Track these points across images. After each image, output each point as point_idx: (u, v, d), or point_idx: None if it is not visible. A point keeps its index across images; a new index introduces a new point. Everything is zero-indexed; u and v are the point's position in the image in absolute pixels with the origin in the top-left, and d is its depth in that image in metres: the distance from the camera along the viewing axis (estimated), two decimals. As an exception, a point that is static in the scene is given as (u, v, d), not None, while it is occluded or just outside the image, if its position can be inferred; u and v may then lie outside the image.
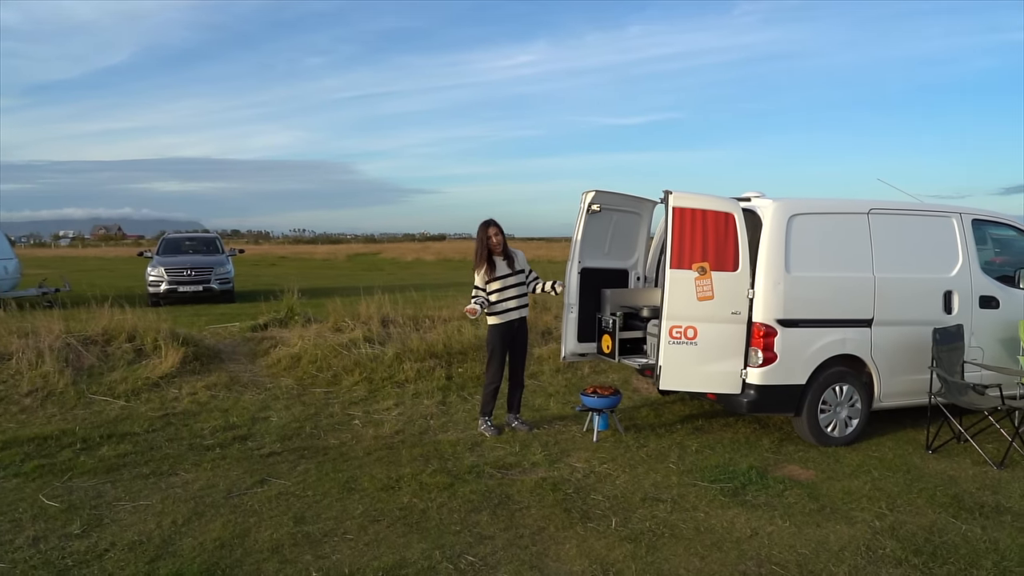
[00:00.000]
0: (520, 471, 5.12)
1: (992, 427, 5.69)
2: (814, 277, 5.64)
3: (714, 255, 5.52)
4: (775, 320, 5.50)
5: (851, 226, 5.89)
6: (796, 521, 4.24)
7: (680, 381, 5.61)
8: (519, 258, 6.08)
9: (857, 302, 5.79)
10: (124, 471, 5.06)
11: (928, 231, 6.19)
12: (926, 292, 6.06)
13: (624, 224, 6.75)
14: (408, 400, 7.10)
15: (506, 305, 5.98)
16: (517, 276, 6.03)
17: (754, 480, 4.89)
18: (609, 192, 6.43)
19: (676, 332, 5.51)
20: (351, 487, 4.76)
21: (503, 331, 5.99)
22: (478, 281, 6.00)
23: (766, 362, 5.50)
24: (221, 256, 17.30)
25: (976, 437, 5.66)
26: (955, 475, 5.10)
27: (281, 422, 6.30)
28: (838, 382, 5.76)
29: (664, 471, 5.11)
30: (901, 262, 5.97)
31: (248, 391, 7.34)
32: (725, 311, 5.53)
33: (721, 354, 5.57)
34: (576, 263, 6.48)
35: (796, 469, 5.19)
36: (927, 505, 4.52)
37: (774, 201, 5.69)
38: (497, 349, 6.02)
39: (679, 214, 5.51)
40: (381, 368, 7.94)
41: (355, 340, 8.63)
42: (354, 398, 7.15)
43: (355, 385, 7.55)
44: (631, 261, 6.95)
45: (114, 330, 8.43)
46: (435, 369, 8.02)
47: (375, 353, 8.29)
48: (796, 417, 5.74)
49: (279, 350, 8.59)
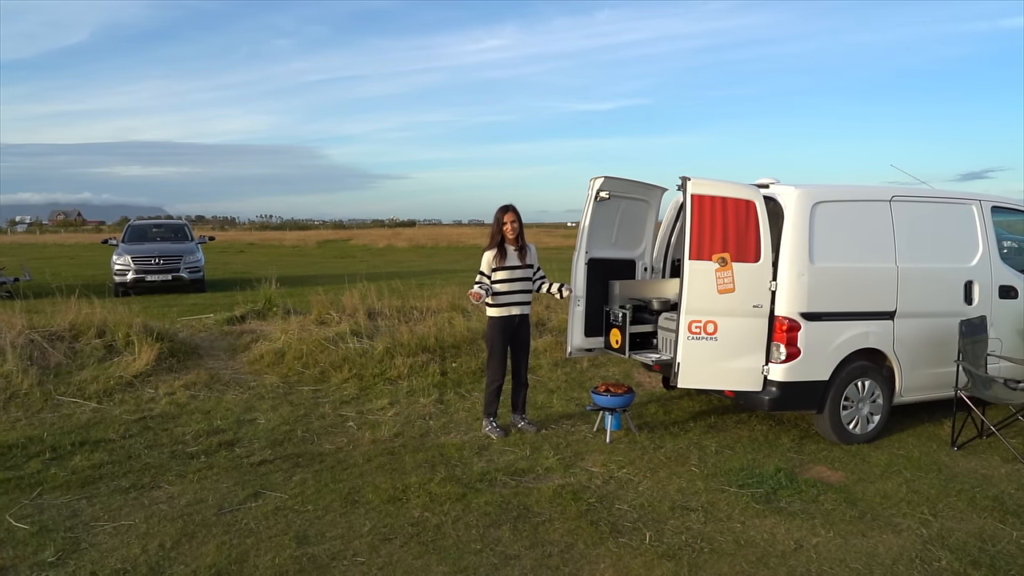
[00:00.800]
0: (534, 478, 4.77)
1: (1014, 421, 5.52)
2: (838, 268, 5.37)
3: (735, 245, 5.21)
4: (799, 313, 5.22)
5: (874, 214, 5.62)
6: (840, 530, 3.97)
7: (699, 378, 5.31)
8: (531, 252, 5.71)
9: (880, 294, 5.54)
10: (101, 484, 4.59)
11: (949, 219, 5.96)
12: (948, 282, 5.84)
13: (632, 212, 6.41)
14: (403, 398, 6.70)
15: (510, 299, 5.61)
16: (526, 270, 5.66)
17: (784, 484, 4.61)
18: (618, 178, 6.07)
19: (696, 327, 5.20)
20: (354, 499, 4.37)
21: (503, 325, 5.63)
22: (484, 266, 5.62)
23: (789, 358, 5.22)
24: (190, 243, 16.62)
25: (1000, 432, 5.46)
26: (988, 474, 4.89)
27: (269, 425, 5.87)
28: (860, 377, 5.52)
29: (687, 475, 4.81)
30: (923, 251, 5.73)
31: (230, 390, 6.87)
32: (746, 304, 5.23)
33: (742, 350, 5.28)
34: (583, 253, 6.12)
35: (824, 470, 4.93)
36: (969, 509, 4.28)
37: (796, 188, 5.39)
38: (497, 345, 5.65)
39: (698, 202, 5.18)
40: (371, 364, 7.53)
41: (341, 334, 8.19)
42: (345, 397, 6.73)
43: (345, 383, 7.13)
44: (639, 251, 6.61)
45: (82, 324, 7.88)
46: (428, 364, 7.63)
47: (363, 348, 7.87)
48: (818, 414, 5.49)
49: (261, 344, 8.12)
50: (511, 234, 5.57)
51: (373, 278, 12.76)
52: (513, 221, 5.57)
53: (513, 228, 5.57)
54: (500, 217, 5.59)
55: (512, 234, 5.57)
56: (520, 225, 5.62)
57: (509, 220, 5.56)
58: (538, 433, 5.69)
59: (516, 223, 5.59)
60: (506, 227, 5.56)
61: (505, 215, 5.57)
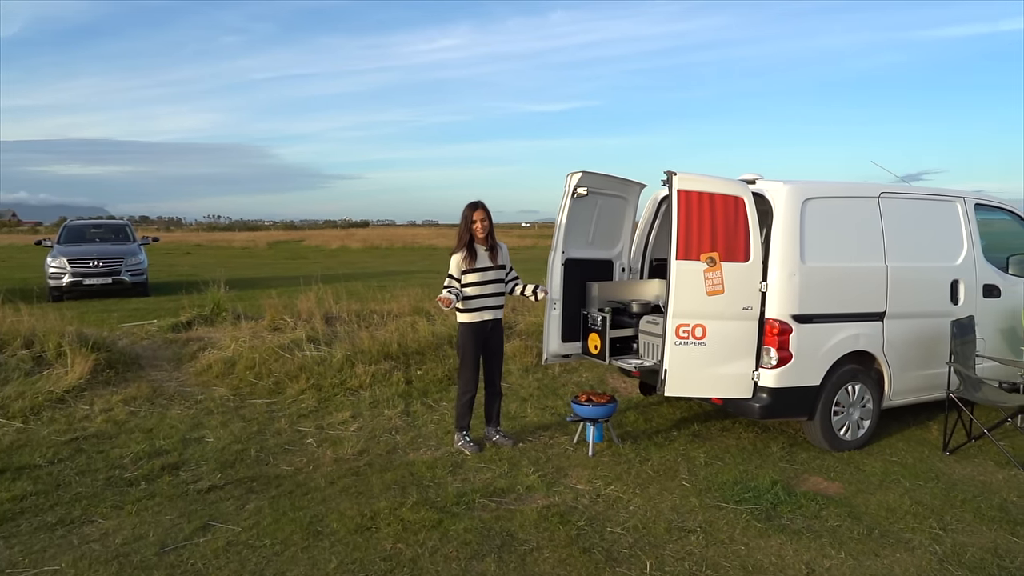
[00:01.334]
0: (516, 498, 4.38)
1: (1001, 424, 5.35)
2: (829, 268, 5.12)
3: (724, 244, 4.91)
4: (790, 316, 4.95)
5: (863, 212, 5.40)
6: (850, 550, 3.68)
7: (687, 386, 4.99)
8: (503, 252, 5.32)
9: (870, 294, 5.31)
10: (22, 521, 4.02)
11: (934, 217, 5.78)
12: (935, 282, 5.66)
13: (609, 210, 6.07)
14: (366, 411, 6.23)
15: (482, 303, 5.21)
16: (498, 272, 5.26)
17: (782, 498, 4.32)
18: (596, 173, 5.72)
19: (683, 331, 4.88)
20: (317, 530, 3.91)
21: (475, 331, 5.22)
22: (453, 269, 5.19)
23: (781, 362, 4.94)
24: (132, 245, 15.72)
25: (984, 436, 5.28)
26: (987, 481, 4.69)
27: (219, 444, 5.33)
28: (851, 381, 5.28)
29: (679, 491, 4.48)
30: (911, 250, 5.53)
31: (175, 405, 6.29)
32: (736, 307, 4.94)
33: (731, 355, 4.98)
34: (560, 253, 5.75)
35: (820, 481, 4.66)
36: (977, 520, 4.05)
37: (786, 183, 5.13)
38: (469, 352, 5.24)
39: (684, 198, 4.86)
40: (330, 373, 7.02)
41: (297, 341, 7.66)
42: (302, 410, 6.22)
43: (302, 394, 6.61)
44: (616, 250, 6.27)
45: (7, 334, 7.20)
46: (391, 372, 7.16)
47: (321, 355, 7.35)
48: (809, 421, 5.23)
49: (209, 353, 7.52)
50: (481, 233, 5.17)
51: (328, 280, 12.19)
52: (483, 219, 5.17)
53: (483, 227, 5.16)
54: (469, 215, 5.18)
55: (482, 233, 5.17)
56: (490, 223, 5.22)
57: (479, 218, 5.16)
58: (515, 447, 5.30)
59: (486, 221, 5.18)
60: (475, 226, 5.15)
61: (474, 213, 5.17)
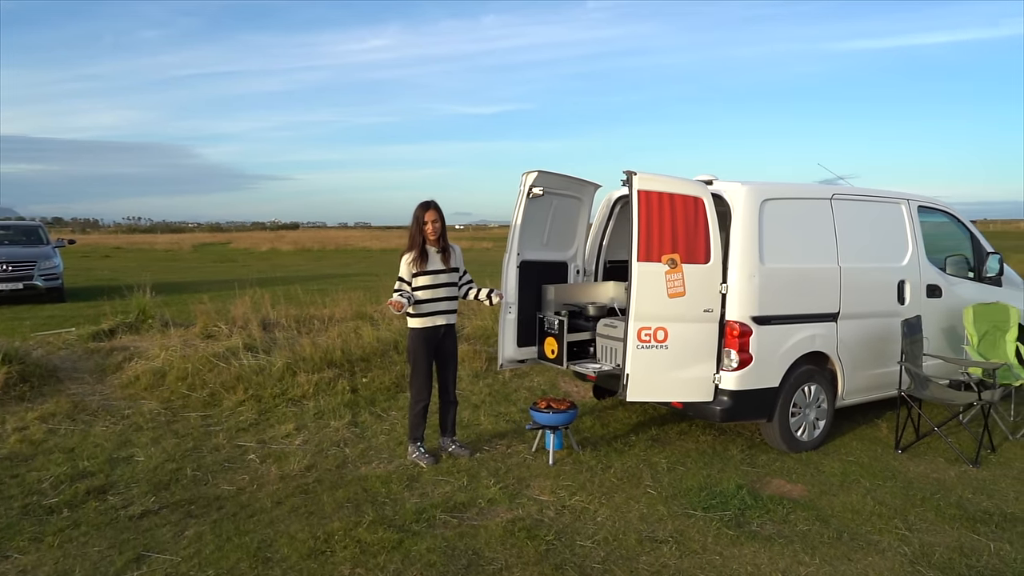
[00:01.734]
0: (478, 513, 4.16)
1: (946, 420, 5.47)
2: (787, 269, 5.11)
3: (684, 246, 4.83)
4: (750, 317, 4.91)
5: (817, 213, 5.43)
6: (823, 555, 3.62)
7: (649, 391, 4.89)
8: (456, 254, 5.09)
9: (825, 295, 5.34)
10: (-76, 559, 3.57)
11: (882, 218, 5.87)
12: (884, 282, 5.74)
13: (564, 210, 5.93)
14: (310, 422, 5.89)
15: (433, 307, 4.97)
16: (450, 275, 5.03)
17: (749, 503, 4.25)
18: (552, 173, 5.56)
19: (645, 334, 4.77)
20: (266, 556, 3.60)
21: (427, 337, 4.99)
22: (403, 271, 4.94)
23: (741, 365, 4.90)
24: (46, 247, 14.70)
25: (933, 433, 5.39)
26: (940, 478, 4.76)
27: (151, 463, 4.92)
28: (807, 382, 5.29)
29: (646, 499, 4.36)
30: (861, 251, 5.59)
31: (99, 421, 5.80)
32: (697, 309, 4.87)
33: (693, 358, 4.91)
34: (515, 255, 5.57)
35: (784, 484, 4.63)
36: (939, 519, 4.08)
37: (744, 184, 5.09)
38: (421, 359, 5.00)
39: (645, 198, 4.76)
40: (270, 383, 6.64)
41: (233, 349, 7.23)
42: (242, 423, 5.83)
43: (240, 406, 6.21)
44: (570, 252, 6.14)
45: (-97, 348, 6.52)
46: (336, 381, 6.83)
47: (260, 364, 6.95)
48: (768, 423, 5.21)
49: (136, 364, 7.02)
50: (433, 234, 4.92)
51: (262, 284, 11.64)
52: (435, 220, 4.92)
53: (435, 228, 4.92)
54: (420, 215, 4.93)
55: (434, 234, 4.93)
56: (443, 224, 4.98)
57: (431, 219, 4.91)
58: (472, 457, 5.08)
59: (438, 222, 4.94)
60: (427, 227, 4.90)
61: (426, 213, 4.92)
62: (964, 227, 6.58)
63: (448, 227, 5.18)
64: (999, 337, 6.10)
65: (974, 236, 6.59)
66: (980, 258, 6.57)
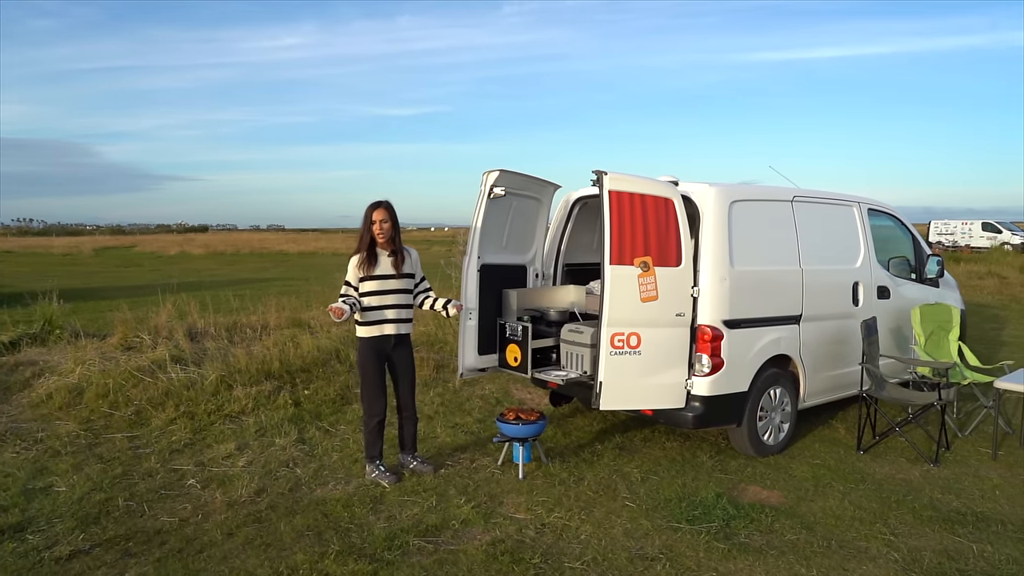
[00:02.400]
0: (454, 535, 3.87)
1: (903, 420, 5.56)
2: (755, 271, 5.06)
3: (656, 248, 4.69)
4: (721, 321, 4.83)
5: (780, 215, 5.41)
6: (819, 566, 3.53)
7: (623, 398, 4.72)
8: (411, 259, 4.73)
9: (789, 297, 5.33)
10: None
11: (837, 220, 5.94)
12: (840, 284, 5.80)
13: (523, 212, 5.69)
14: (252, 440, 5.42)
15: (381, 315, 4.61)
16: (403, 280, 4.67)
17: (732, 513, 4.13)
18: (513, 172, 5.32)
19: (619, 340, 4.60)
20: (225, 599, 3.20)
21: (375, 347, 4.64)
22: (350, 275, 4.60)
23: (714, 369, 4.80)
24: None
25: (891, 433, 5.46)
26: (907, 479, 4.80)
27: (75, 494, 4.36)
28: (773, 385, 5.26)
29: (627, 513, 4.18)
30: (820, 253, 5.62)
31: (7, 447, 5.15)
32: (669, 313, 4.74)
33: (665, 363, 4.77)
34: (475, 259, 5.30)
35: (759, 491, 4.55)
36: (918, 522, 4.08)
37: (712, 186, 5.01)
38: (370, 370, 4.64)
39: (616, 199, 4.58)
40: (203, 398, 6.10)
41: (159, 361, 6.62)
42: (175, 444, 5.30)
43: (171, 424, 5.66)
44: (529, 255, 5.91)
45: None
46: (276, 394, 6.35)
47: (191, 377, 6.39)
48: (736, 428, 5.13)
49: (47, 380, 6.33)
50: (382, 236, 4.57)
51: (178, 289, 10.80)
52: (383, 220, 4.56)
53: (384, 228, 4.56)
54: (369, 215, 4.58)
55: (383, 236, 4.58)
56: (394, 226, 4.62)
57: (379, 218, 4.55)
58: (437, 474, 4.77)
59: (387, 223, 4.57)
60: (375, 227, 4.55)
61: (375, 212, 4.56)
62: (907, 230, 6.76)
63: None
64: (943, 337, 6.29)
65: (915, 238, 6.79)
66: (921, 260, 6.77)
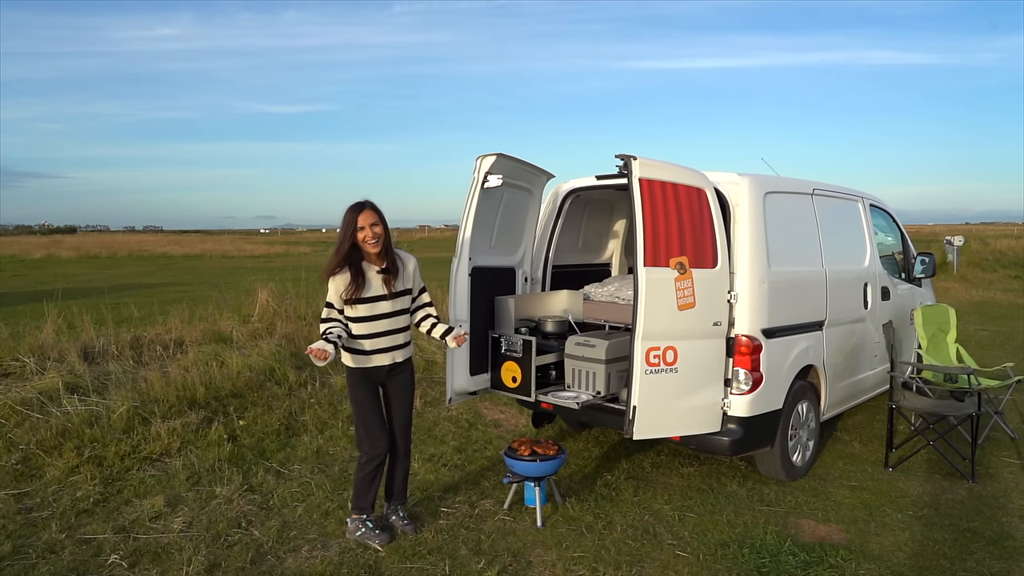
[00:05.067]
0: (489, 617, 3.01)
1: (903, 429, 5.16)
2: (790, 273, 4.49)
3: (692, 247, 4.00)
4: (760, 330, 4.21)
5: (804, 210, 4.88)
6: (943, 630, 2.94)
7: (658, 425, 4.00)
8: (407, 270, 3.74)
9: (815, 301, 4.79)
10: None
11: (847, 217, 5.49)
12: (854, 286, 5.34)
13: (513, 205, 4.86)
14: (185, 491, 4.30)
15: (375, 343, 3.65)
16: (398, 300, 3.70)
17: (803, 558, 3.50)
18: (509, 158, 4.48)
19: (654, 356, 3.88)
20: None
21: (369, 376, 3.70)
22: (332, 296, 3.61)
23: (754, 386, 4.16)
24: None
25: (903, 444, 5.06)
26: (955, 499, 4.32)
27: (-55, 590, 3.16)
28: (801, 400, 4.70)
29: (683, 566, 3.45)
30: (837, 252, 5.14)
31: None
32: (707, 322, 4.07)
33: (701, 381, 4.10)
34: (466, 261, 4.43)
35: (815, 526, 3.94)
36: (1005, 555, 3.57)
37: (743, 175, 4.38)
38: (366, 400, 3.69)
39: (648, 189, 3.86)
40: (112, 437, 4.88)
41: (50, 391, 5.31)
42: (82, 502, 4.10)
43: (73, 475, 4.43)
44: (517, 256, 5.09)
45: None
46: (205, 427, 5.21)
47: (93, 411, 5.14)
48: (769, 450, 4.52)
49: None
50: (373, 247, 3.59)
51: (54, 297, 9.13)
52: (374, 224, 3.57)
53: (375, 235, 3.57)
54: (351, 220, 3.57)
55: (376, 246, 3.60)
56: (386, 232, 3.64)
57: (367, 223, 3.56)
58: (436, 524, 3.86)
59: (378, 226, 3.58)
60: (364, 235, 3.56)
61: (359, 216, 3.56)
62: (897, 227, 6.45)
63: (252, 231, 3.86)
64: (942, 339, 5.99)
65: (904, 236, 6.49)
66: (909, 259, 6.48)
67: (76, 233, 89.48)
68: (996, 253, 22.89)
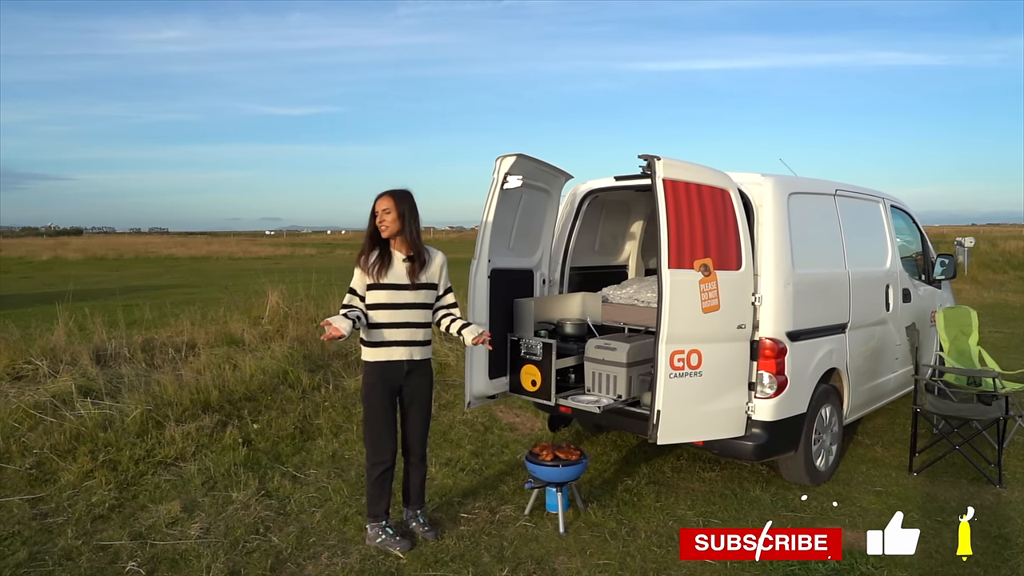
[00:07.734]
0: (516, 627, 2.94)
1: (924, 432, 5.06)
2: (814, 274, 4.42)
3: (716, 248, 3.94)
4: (785, 333, 4.14)
5: (827, 211, 4.81)
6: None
7: (683, 430, 3.93)
8: (434, 264, 3.71)
9: (839, 303, 4.73)
10: None
11: (869, 218, 5.42)
12: (876, 288, 5.26)
13: (531, 206, 4.80)
14: (201, 496, 4.25)
15: (392, 334, 3.61)
16: (421, 292, 3.65)
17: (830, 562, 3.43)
18: (529, 158, 4.42)
19: (679, 360, 3.81)
20: None
21: (385, 374, 3.62)
22: (355, 281, 3.60)
23: (778, 390, 4.10)
24: None
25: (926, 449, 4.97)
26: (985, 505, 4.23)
27: (-38, 598, 3.11)
28: (824, 404, 4.63)
29: (707, 570, 3.38)
30: (860, 254, 5.06)
31: None
32: (731, 325, 4.01)
33: (725, 385, 4.04)
34: (485, 262, 4.38)
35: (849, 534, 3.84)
36: (1039, 565, 3.51)
37: (766, 176, 4.31)
38: (376, 403, 3.63)
39: (672, 189, 3.80)
40: (126, 441, 4.83)
41: (63, 394, 5.27)
42: (97, 508, 4.05)
43: (88, 479, 4.38)
44: (535, 258, 5.02)
45: None
46: (219, 431, 5.16)
47: (107, 414, 5.09)
48: (793, 455, 4.45)
49: (-93, 427, 4.83)
50: (387, 231, 3.57)
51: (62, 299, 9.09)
52: (385, 210, 3.55)
53: (392, 218, 3.55)
54: (373, 206, 3.61)
55: (389, 231, 3.58)
56: (404, 218, 3.58)
57: (380, 209, 3.56)
58: (456, 531, 3.80)
59: (391, 212, 3.55)
60: (377, 220, 3.57)
61: (376, 202, 3.59)
62: (917, 228, 6.37)
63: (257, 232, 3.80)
64: (964, 341, 5.90)
65: (924, 238, 6.41)
66: (929, 260, 6.40)
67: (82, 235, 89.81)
68: (1006, 254, 22.72)
